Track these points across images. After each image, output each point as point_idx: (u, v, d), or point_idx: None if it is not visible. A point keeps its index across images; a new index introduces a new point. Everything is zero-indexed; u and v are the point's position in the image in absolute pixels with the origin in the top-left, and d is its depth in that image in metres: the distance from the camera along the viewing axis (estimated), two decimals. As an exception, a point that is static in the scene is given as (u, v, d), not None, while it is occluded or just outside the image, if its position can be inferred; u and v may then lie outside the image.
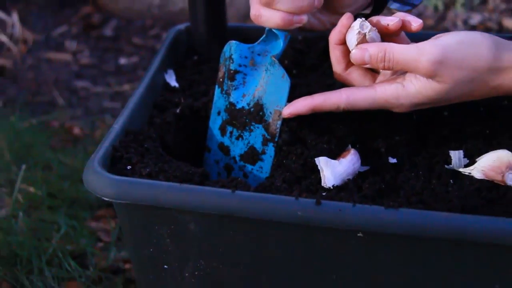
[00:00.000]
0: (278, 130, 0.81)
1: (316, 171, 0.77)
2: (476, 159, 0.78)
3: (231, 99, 0.84)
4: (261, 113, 0.82)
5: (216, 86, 0.85)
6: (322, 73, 1.00)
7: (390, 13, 0.94)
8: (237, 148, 0.84)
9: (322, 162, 0.77)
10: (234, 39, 0.84)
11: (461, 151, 0.80)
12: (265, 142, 0.83)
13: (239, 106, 0.84)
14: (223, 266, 0.76)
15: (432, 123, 0.87)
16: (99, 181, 0.71)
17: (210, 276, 0.77)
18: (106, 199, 0.71)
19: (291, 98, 0.81)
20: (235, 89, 0.84)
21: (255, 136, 0.83)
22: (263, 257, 0.74)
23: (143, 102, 0.88)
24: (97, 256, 1.19)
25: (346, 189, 0.75)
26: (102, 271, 1.16)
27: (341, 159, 0.78)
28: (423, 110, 0.88)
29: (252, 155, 0.83)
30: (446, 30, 2.15)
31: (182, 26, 1.06)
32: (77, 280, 1.14)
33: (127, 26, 2.26)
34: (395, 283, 0.73)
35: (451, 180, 0.77)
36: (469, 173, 0.77)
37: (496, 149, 0.78)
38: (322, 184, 0.76)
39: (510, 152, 0.76)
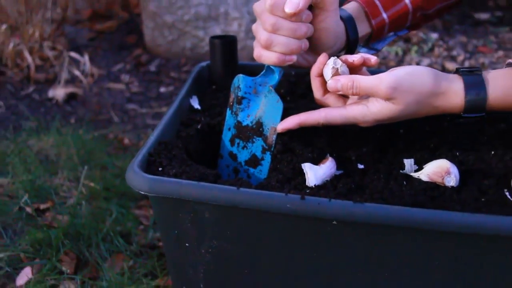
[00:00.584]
0: (274, 142, 0.80)
1: (302, 174, 0.75)
2: (423, 166, 0.76)
3: (239, 118, 0.82)
4: (261, 129, 0.81)
5: (228, 109, 0.84)
6: (309, 99, 0.98)
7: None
8: (243, 156, 0.83)
9: (307, 166, 0.75)
10: (243, 74, 0.83)
11: (412, 160, 0.78)
12: (264, 151, 0.81)
13: (244, 123, 0.82)
14: (230, 245, 0.74)
15: (391, 138, 0.86)
16: (137, 179, 0.70)
17: (220, 252, 0.75)
18: (142, 192, 0.70)
19: (284, 117, 0.80)
20: (241, 111, 0.82)
21: (256, 146, 0.81)
22: (261, 239, 0.73)
23: (172, 120, 0.86)
24: (139, 235, 1.18)
25: (325, 188, 0.73)
26: (142, 246, 1.15)
27: (321, 164, 0.77)
28: (385, 129, 0.87)
29: (254, 161, 0.82)
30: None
31: (204, 64, 1.04)
32: (124, 253, 1.13)
33: (167, 64, 2.25)
34: (359, 260, 0.71)
35: (404, 182, 0.75)
36: (418, 176, 0.75)
37: (438, 159, 0.76)
38: (307, 184, 0.74)
39: (448, 161, 0.74)
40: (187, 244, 0.75)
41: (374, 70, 0.82)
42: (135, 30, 2.54)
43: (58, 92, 1.96)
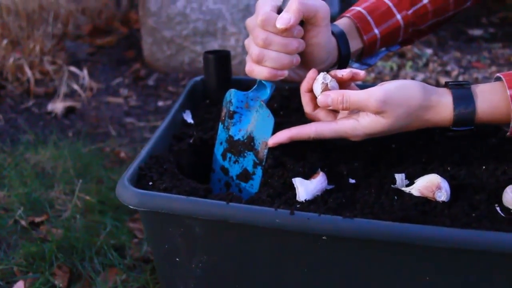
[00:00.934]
0: (265, 156, 0.79)
1: (293, 188, 0.74)
2: (415, 181, 0.75)
3: (230, 133, 0.81)
4: (252, 143, 0.79)
5: (220, 123, 0.83)
6: (303, 114, 0.97)
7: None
8: (234, 170, 0.82)
9: (298, 181, 0.74)
10: (237, 88, 0.83)
11: (403, 174, 0.77)
12: (255, 165, 0.80)
13: (236, 138, 0.81)
14: (221, 260, 0.72)
15: (383, 153, 0.84)
16: (126, 193, 0.69)
17: (211, 267, 0.73)
18: (131, 207, 0.68)
19: (276, 132, 0.79)
20: (233, 125, 0.81)
21: (248, 161, 0.80)
22: (251, 254, 0.71)
23: (165, 134, 0.85)
24: (133, 249, 1.16)
25: (315, 203, 0.72)
26: (136, 260, 1.13)
27: (312, 179, 0.75)
28: (376, 144, 0.86)
29: (245, 175, 0.80)
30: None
31: (198, 78, 1.04)
32: (117, 266, 1.11)
33: (165, 78, 2.25)
34: (350, 276, 0.69)
35: (395, 197, 0.74)
36: (409, 191, 0.74)
37: (429, 174, 0.75)
38: (297, 199, 0.73)
39: (439, 176, 0.73)
40: (177, 259, 0.74)
41: (366, 85, 0.81)
42: (134, 45, 2.54)
43: (57, 106, 1.95)
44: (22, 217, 1.24)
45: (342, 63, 0.87)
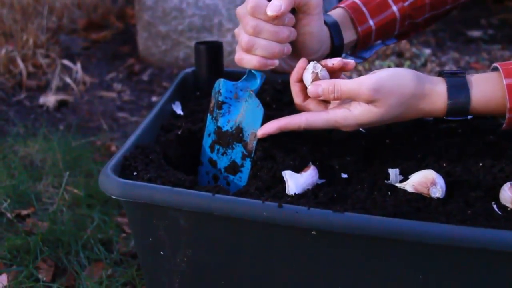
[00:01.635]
0: (254, 148, 0.76)
1: (283, 181, 0.71)
2: (409, 176, 0.72)
3: (219, 124, 0.79)
4: (241, 135, 0.77)
5: (208, 114, 0.80)
6: (294, 107, 0.95)
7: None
8: (222, 162, 0.79)
9: (287, 174, 0.72)
10: (229, 80, 0.80)
11: (397, 170, 0.75)
12: (243, 158, 0.77)
13: (224, 129, 0.78)
14: (206, 254, 0.70)
15: (377, 148, 0.82)
16: (109, 182, 0.66)
17: (196, 261, 0.71)
18: (114, 197, 0.66)
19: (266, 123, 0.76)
20: (222, 116, 0.79)
21: (236, 152, 0.78)
22: (237, 249, 0.69)
23: (153, 124, 0.83)
24: (120, 244, 1.13)
25: (305, 197, 0.69)
26: (123, 255, 1.10)
27: (302, 173, 0.73)
28: (370, 138, 0.84)
29: (234, 168, 0.78)
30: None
31: (189, 70, 1.01)
32: (103, 261, 1.08)
33: (160, 73, 2.22)
34: (339, 272, 0.67)
35: (389, 192, 0.72)
36: (403, 187, 0.72)
37: (424, 169, 0.72)
38: (287, 192, 0.70)
39: (434, 172, 0.70)
40: (161, 252, 0.71)
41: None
42: (129, 40, 2.51)
43: (49, 99, 1.92)
44: (8, 210, 1.21)
45: (335, 54, 0.85)
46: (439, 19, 0.95)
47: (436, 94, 0.69)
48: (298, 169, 0.74)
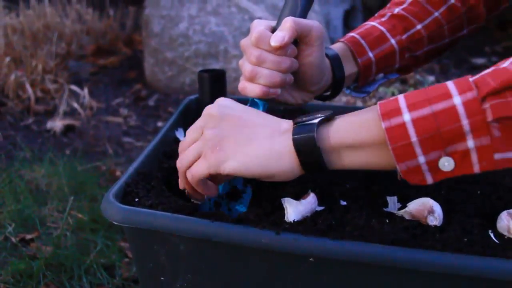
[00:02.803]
0: None
1: (282, 209, 0.72)
2: (407, 204, 0.73)
3: None
4: None
5: None
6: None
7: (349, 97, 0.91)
8: (224, 189, 0.80)
9: (287, 201, 0.72)
10: None
11: (395, 197, 0.75)
12: (245, 184, 0.78)
13: None
14: (206, 280, 0.70)
15: (376, 175, 0.83)
16: (111, 208, 0.67)
17: (196, 287, 0.71)
18: (116, 223, 0.67)
19: None
20: None
21: (238, 179, 0.79)
22: (236, 275, 0.69)
23: (155, 151, 0.84)
24: (123, 269, 1.14)
25: (304, 224, 0.70)
26: (125, 280, 1.11)
27: (302, 200, 0.74)
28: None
29: (235, 194, 0.79)
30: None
31: (192, 97, 1.03)
32: (105, 285, 1.09)
33: (166, 99, 2.25)
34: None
35: (387, 220, 0.72)
36: (401, 214, 0.72)
37: (423, 197, 0.73)
38: (286, 219, 0.71)
39: (431, 200, 0.71)
40: (162, 278, 0.72)
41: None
42: (136, 66, 2.55)
43: (56, 124, 1.95)
44: (12, 234, 1.22)
45: (336, 86, 0.86)
46: (441, 53, 0.97)
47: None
48: (298, 196, 0.75)
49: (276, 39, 0.73)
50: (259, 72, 0.75)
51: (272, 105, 0.81)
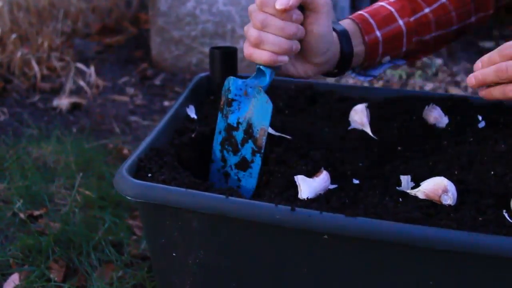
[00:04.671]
0: (263, 143, 0.77)
1: (295, 186, 0.72)
2: (420, 183, 0.73)
3: (229, 121, 0.80)
4: (250, 131, 0.78)
5: (219, 112, 0.81)
6: (307, 113, 0.96)
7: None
8: (233, 159, 0.80)
9: (300, 179, 0.72)
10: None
11: (409, 176, 0.75)
12: (253, 153, 0.78)
13: (234, 126, 0.80)
14: (218, 257, 0.71)
15: (388, 155, 0.83)
16: (124, 183, 0.67)
17: (208, 263, 0.71)
18: (129, 198, 0.67)
19: (273, 119, 0.79)
20: (231, 113, 0.80)
21: (246, 149, 0.79)
22: (249, 252, 0.69)
23: (167, 127, 0.84)
24: (131, 246, 1.14)
25: (318, 201, 0.70)
26: (134, 257, 1.11)
27: (315, 177, 0.74)
28: (382, 146, 0.84)
29: (244, 164, 0.79)
30: (407, 93, 2.11)
31: (203, 74, 1.02)
32: (114, 262, 1.09)
33: (172, 78, 2.24)
34: (349, 277, 0.67)
35: (400, 199, 0.72)
36: (415, 194, 0.72)
37: (436, 176, 0.73)
38: (299, 197, 0.71)
39: (446, 179, 0.71)
40: (174, 254, 0.72)
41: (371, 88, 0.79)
42: (143, 45, 2.53)
43: (62, 102, 1.94)
44: (21, 210, 1.23)
45: (344, 62, 0.85)
46: (449, 42, 0.96)
47: None
48: (310, 174, 0.75)
49: (281, 2, 0.72)
50: (264, 37, 0.74)
51: (283, 83, 0.80)
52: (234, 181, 0.79)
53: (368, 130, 0.87)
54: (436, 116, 0.89)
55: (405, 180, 0.75)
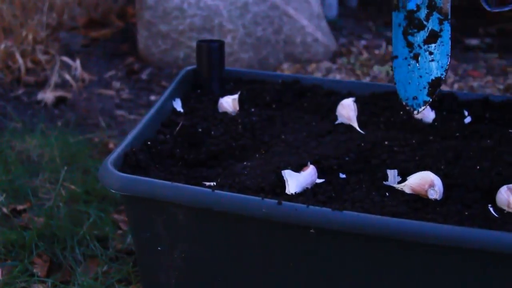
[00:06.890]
0: (449, 9, 0.76)
1: (283, 181, 0.72)
2: (407, 178, 0.73)
3: (408, 8, 0.79)
4: (433, 3, 0.77)
5: (392, 12, 0.80)
6: (294, 108, 0.96)
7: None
8: (420, 37, 0.79)
9: (287, 173, 0.72)
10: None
11: (396, 171, 0.75)
12: (441, 22, 0.77)
13: (415, 9, 0.78)
14: (204, 251, 0.70)
15: (375, 149, 0.82)
16: (108, 177, 0.66)
17: (193, 258, 0.71)
18: (113, 191, 0.66)
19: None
20: (409, 1, 0.78)
21: (432, 21, 0.78)
22: (236, 245, 0.69)
23: (153, 120, 0.83)
24: (116, 240, 1.13)
25: (304, 195, 0.70)
26: (119, 252, 1.10)
27: (302, 172, 0.73)
28: (368, 140, 0.84)
29: (433, 36, 0.78)
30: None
31: (190, 68, 1.01)
32: (99, 257, 1.08)
33: (159, 73, 2.22)
34: (337, 271, 0.67)
35: (386, 193, 0.72)
36: (401, 188, 0.72)
37: (422, 171, 0.73)
38: (286, 191, 0.71)
39: (432, 173, 0.71)
40: (159, 248, 0.71)
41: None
42: (129, 39, 2.51)
43: (47, 95, 1.92)
44: (4, 204, 1.21)
45: None
46: None
47: None
48: (298, 169, 0.74)
49: None
50: None
51: (270, 78, 0.79)
52: (425, 57, 0.78)
53: (355, 124, 0.87)
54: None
55: (392, 175, 0.75)
